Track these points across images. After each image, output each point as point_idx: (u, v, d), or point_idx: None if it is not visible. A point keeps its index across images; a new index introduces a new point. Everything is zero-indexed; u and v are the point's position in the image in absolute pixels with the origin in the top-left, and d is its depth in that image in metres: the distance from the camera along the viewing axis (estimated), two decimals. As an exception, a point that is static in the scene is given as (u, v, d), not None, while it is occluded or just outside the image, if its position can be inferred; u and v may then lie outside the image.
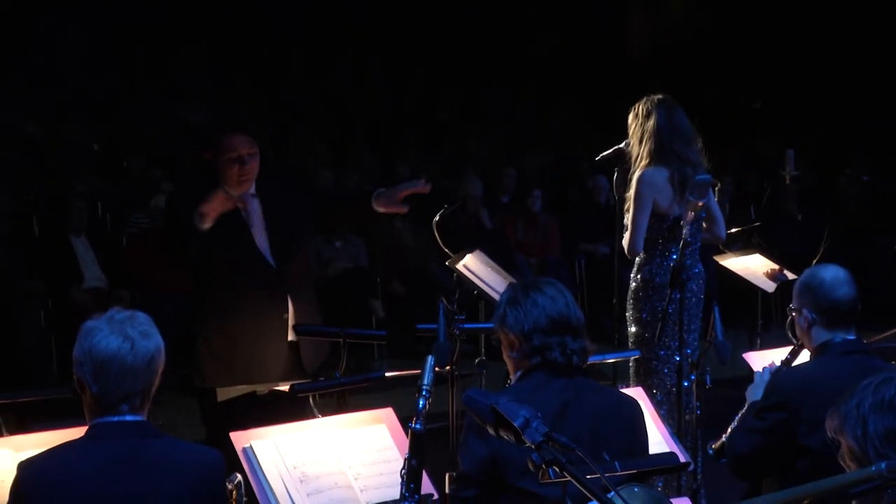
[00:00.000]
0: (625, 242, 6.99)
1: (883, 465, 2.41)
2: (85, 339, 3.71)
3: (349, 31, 19.29)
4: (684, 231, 6.54)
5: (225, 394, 5.90)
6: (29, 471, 3.71)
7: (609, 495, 2.44)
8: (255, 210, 6.07)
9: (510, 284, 4.87)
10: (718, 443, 5.40)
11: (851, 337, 5.06)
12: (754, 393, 5.26)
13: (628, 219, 6.96)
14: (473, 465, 4.30)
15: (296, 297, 6.17)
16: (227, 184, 5.97)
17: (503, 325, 4.47)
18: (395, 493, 3.94)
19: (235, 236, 6.01)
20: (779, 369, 5.33)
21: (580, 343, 4.42)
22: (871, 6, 18.01)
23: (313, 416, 5.07)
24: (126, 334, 3.70)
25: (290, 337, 6.11)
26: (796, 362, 5.35)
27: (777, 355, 5.91)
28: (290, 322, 6.10)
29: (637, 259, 7.02)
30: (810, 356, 5.19)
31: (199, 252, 5.90)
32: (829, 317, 5.04)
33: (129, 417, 3.74)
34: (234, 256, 5.97)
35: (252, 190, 6.08)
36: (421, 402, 3.92)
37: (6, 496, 3.77)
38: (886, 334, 6.72)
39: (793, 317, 5.18)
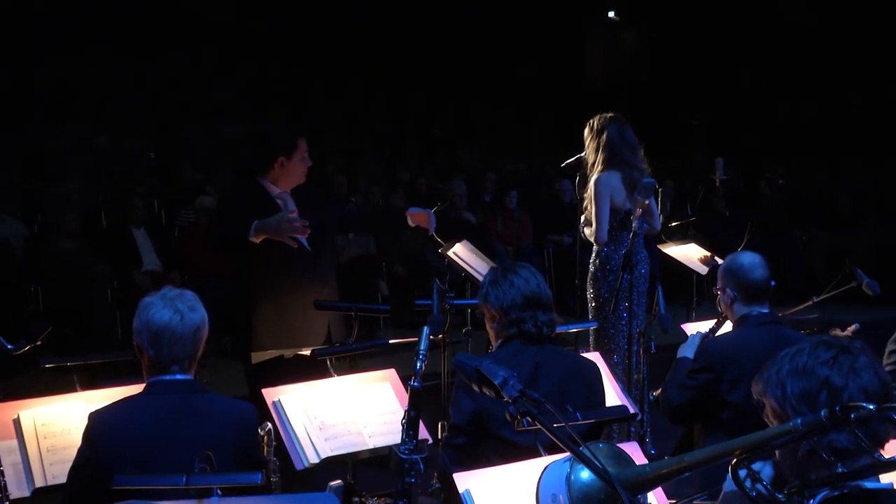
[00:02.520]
0: (590, 233, 6.98)
1: (799, 421, 2.40)
2: (143, 312, 3.76)
3: (359, 62, 19.36)
4: (634, 224, 6.54)
5: (257, 357, 5.87)
6: (98, 420, 3.73)
7: (573, 445, 2.41)
8: (290, 205, 5.99)
9: (491, 268, 4.86)
10: (657, 392, 5.43)
11: (766, 310, 5.08)
12: (685, 350, 5.29)
13: (590, 213, 6.95)
14: (462, 417, 4.30)
15: (327, 280, 6.13)
16: (291, 180, 5.98)
17: (486, 301, 4.49)
18: (397, 439, 3.91)
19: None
20: (706, 336, 5.35)
21: (549, 316, 4.44)
22: (785, 44, 18.02)
23: (330, 376, 5.05)
24: (176, 308, 3.75)
25: None
26: (721, 332, 5.36)
27: (708, 326, 5.93)
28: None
29: (595, 246, 7.01)
30: (732, 327, 5.19)
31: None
32: (746, 294, 5.06)
33: (178, 377, 3.79)
34: (278, 243, 5.86)
35: (288, 189, 6.05)
36: (418, 364, 3.89)
37: (80, 440, 3.78)
38: (797, 308, 6.70)
39: (718, 295, 5.19)
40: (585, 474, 2.42)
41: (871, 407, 2.34)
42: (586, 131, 7.10)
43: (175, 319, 3.73)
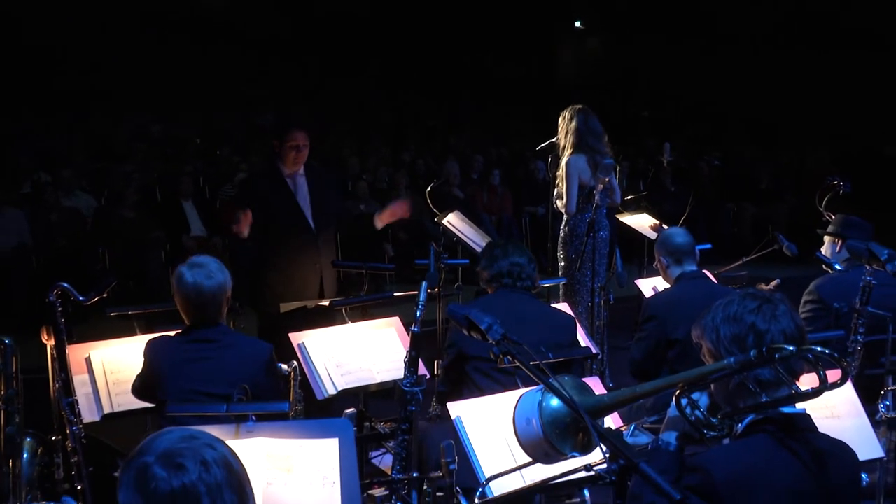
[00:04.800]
0: (561, 205, 6.97)
1: (731, 360, 2.40)
2: (175, 279, 4.01)
3: (368, 65, 19.37)
4: (596, 198, 6.53)
5: (286, 307, 5.85)
6: (151, 345, 4.01)
7: (549, 380, 2.41)
8: (302, 186, 5.94)
9: (489, 243, 4.90)
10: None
11: (694, 268, 5.13)
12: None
13: (561, 189, 6.93)
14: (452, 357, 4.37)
15: (323, 250, 6.04)
16: (285, 164, 5.90)
17: (483, 268, 4.64)
18: (401, 374, 3.91)
19: (287, 205, 5.89)
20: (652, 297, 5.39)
21: (530, 280, 4.58)
22: (719, 52, 17.99)
23: (345, 323, 5.04)
24: (198, 275, 3.96)
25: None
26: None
27: (656, 281, 5.93)
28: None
29: (565, 216, 7.00)
30: (670, 286, 5.20)
31: (268, 216, 5.81)
32: (675, 256, 5.13)
33: (209, 331, 4.01)
34: (287, 220, 5.85)
35: (301, 171, 5.96)
36: (418, 313, 3.88)
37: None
38: (730, 267, 6.70)
39: (657, 266, 5.29)
40: (555, 402, 2.42)
41: (791, 348, 2.34)
42: (560, 120, 7.08)
43: (198, 284, 3.93)
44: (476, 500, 3.36)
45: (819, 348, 2.36)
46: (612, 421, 3.48)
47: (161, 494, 1.75)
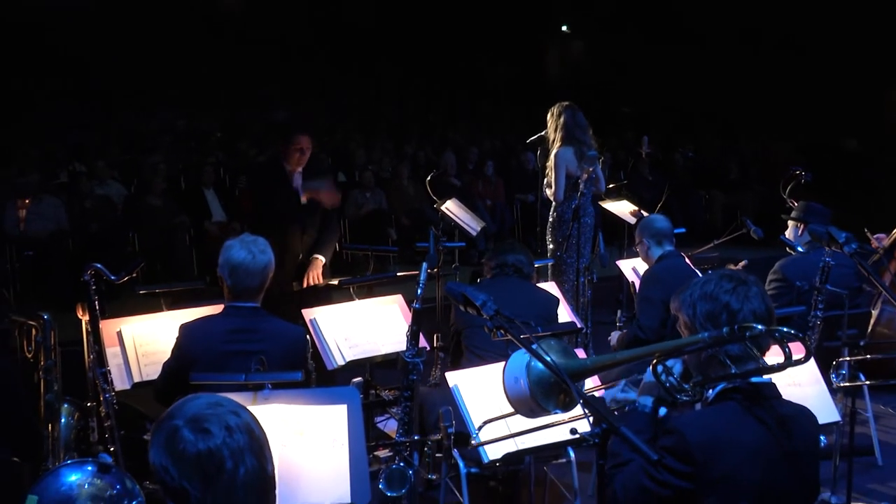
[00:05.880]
0: (550, 193, 6.95)
1: (705, 334, 2.39)
2: (225, 250, 3.75)
3: (374, 66, 19.35)
4: (582, 186, 6.51)
5: (297, 286, 5.84)
6: (185, 330, 3.74)
7: (533, 346, 2.40)
8: (298, 182, 5.85)
9: (507, 241, 4.98)
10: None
11: (672, 248, 5.19)
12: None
13: (550, 178, 6.91)
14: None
15: (309, 229, 5.92)
16: (289, 163, 5.82)
17: (489, 258, 4.78)
18: (403, 346, 3.91)
19: (284, 198, 5.81)
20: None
21: (528, 269, 4.70)
22: (685, 53, 17.95)
23: (352, 300, 5.04)
24: (250, 250, 3.73)
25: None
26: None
27: (636, 262, 5.92)
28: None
29: (553, 203, 6.98)
30: (651, 265, 5.21)
31: (266, 205, 5.77)
32: (656, 238, 5.20)
33: (249, 304, 3.76)
34: (284, 209, 5.79)
35: (299, 170, 5.87)
36: (418, 291, 3.87)
37: (167, 347, 3.81)
38: (702, 249, 6.70)
39: (638, 248, 5.33)
40: (541, 364, 2.42)
41: (761, 327, 2.35)
42: (548, 115, 7.05)
43: (248, 258, 3.71)
44: (470, 445, 3.38)
45: (785, 329, 2.36)
46: (592, 382, 3.48)
47: (188, 456, 1.75)
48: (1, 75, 15.33)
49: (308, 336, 4.39)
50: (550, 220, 7.05)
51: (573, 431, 2.41)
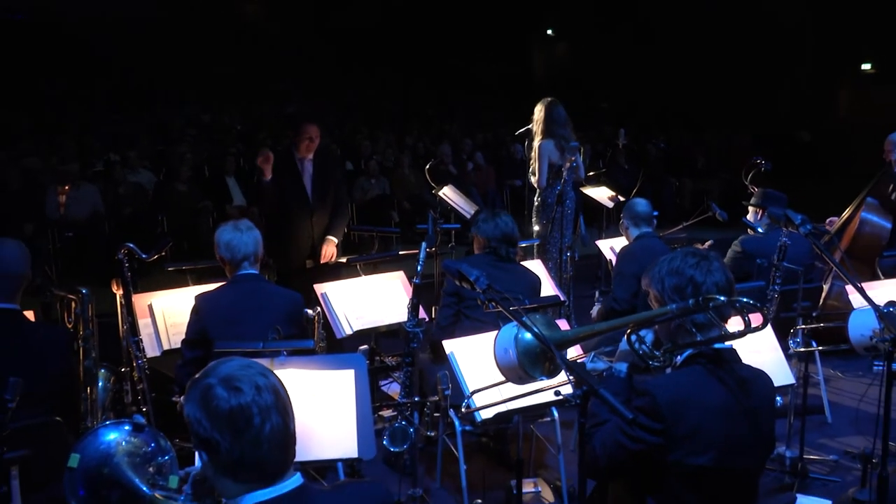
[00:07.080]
0: (535, 180, 6.92)
1: (673, 306, 2.39)
2: (217, 235, 3.88)
3: (377, 65, 19.36)
4: (564, 174, 6.49)
5: (309, 263, 5.83)
6: (201, 298, 3.80)
7: (522, 318, 2.40)
8: (309, 169, 5.79)
9: (484, 212, 4.78)
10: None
11: (649, 230, 5.19)
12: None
13: (534, 167, 6.88)
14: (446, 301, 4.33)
15: (320, 219, 5.86)
16: (299, 151, 5.75)
17: (476, 233, 4.57)
18: (405, 317, 3.91)
19: (294, 184, 5.74)
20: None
21: (514, 249, 4.56)
22: (660, 52, 17.85)
23: (359, 276, 5.03)
24: (237, 226, 3.85)
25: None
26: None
27: (613, 242, 5.92)
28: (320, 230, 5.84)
29: (538, 189, 6.96)
30: (630, 243, 5.20)
31: (274, 192, 5.69)
32: (636, 220, 5.20)
33: (250, 271, 3.85)
34: (292, 196, 5.72)
35: (310, 157, 5.78)
36: (418, 268, 3.88)
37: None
38: (673, 230, 6.68)
39: (622, 227, 5.30)
40: (528, 335, 2.42)
41: (722, 298, 2.34)
42: (535, 110, 7.01)
43: (237, 234, 3.81)
44: (462, 410, 3.39)
45: (745, 299, 2.36)
46: (574, 351, 3.48)
47: (221, 411, 1.76)
48: (47, 78, 15.39)
49: (319, 308, 4.39)
50: (536, 204, 7.03)
51: (557, 393, 2.41)
